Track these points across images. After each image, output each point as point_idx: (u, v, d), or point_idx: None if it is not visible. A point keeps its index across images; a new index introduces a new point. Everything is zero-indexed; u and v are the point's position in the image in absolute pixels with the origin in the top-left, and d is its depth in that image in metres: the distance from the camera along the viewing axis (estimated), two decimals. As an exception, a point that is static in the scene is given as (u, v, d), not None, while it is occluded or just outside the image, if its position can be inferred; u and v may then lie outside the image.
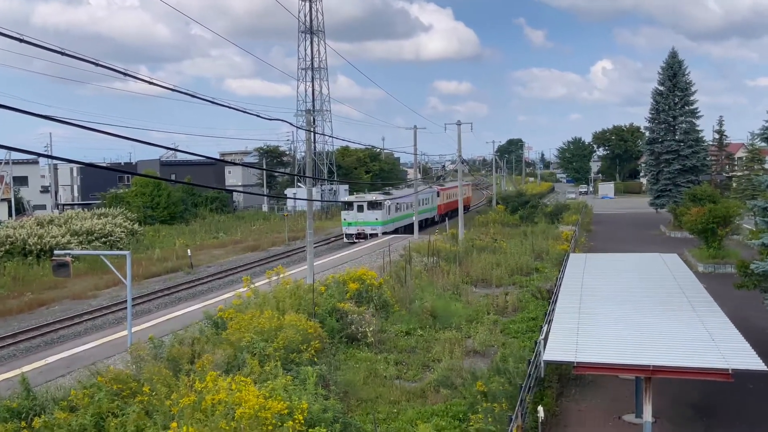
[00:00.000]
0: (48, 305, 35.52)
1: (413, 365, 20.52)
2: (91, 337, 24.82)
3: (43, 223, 51.80)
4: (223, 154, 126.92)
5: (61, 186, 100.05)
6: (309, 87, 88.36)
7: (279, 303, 22.12)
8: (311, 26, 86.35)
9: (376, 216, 55.08)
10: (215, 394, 13.59)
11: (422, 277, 32.41)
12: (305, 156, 35.43)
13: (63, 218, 55.23)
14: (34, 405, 14.84)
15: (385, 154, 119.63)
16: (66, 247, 44.46)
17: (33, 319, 32.62)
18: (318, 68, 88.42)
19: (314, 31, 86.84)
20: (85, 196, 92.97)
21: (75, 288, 38.52)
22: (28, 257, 45.12)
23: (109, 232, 52.97)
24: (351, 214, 55.62)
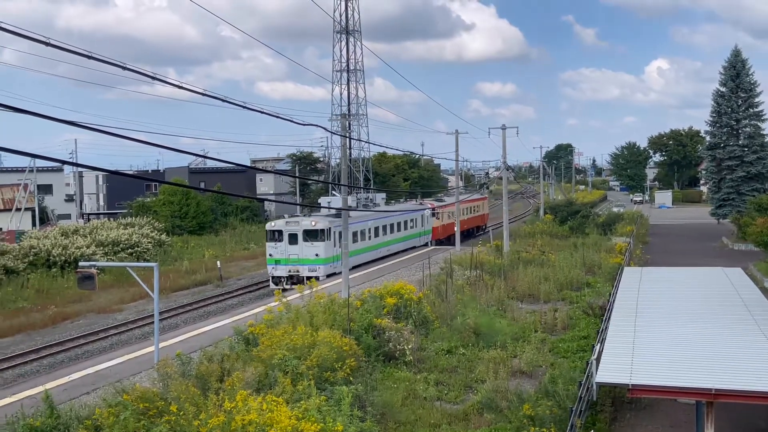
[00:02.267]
0: (72, 319, 36.17)
1: (455, 386, 20.41)
2: (117, 352, 25.17)
3: (68, 233, 52.81)
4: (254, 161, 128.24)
5: (87, 194, 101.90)
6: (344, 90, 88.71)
7: (312, 318, 22.22)
8: (347, 26, 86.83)
9: (316, 250, 40.13)
10: (245, 414, 13.68)
11: (464, 291, 32.24)
12: (340, 163, 35.67)
13: (88, 228, 56.23)
14: (58, 424, 15.08)
15: (424, 161, 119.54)
16: (91, 258, 45.24)
17: (57, 333, 33.23)
18: (354, 70, 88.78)
19: (350, 31, 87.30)
20: (111, 205, 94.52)
21: (100, 301, 39.17)
22: (52, 269, 46.00)
23: (135, 242, 53.79)
24: (280, 247, 40.66)
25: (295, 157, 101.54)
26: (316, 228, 40.38)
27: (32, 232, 54.34)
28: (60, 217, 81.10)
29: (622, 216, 73.42)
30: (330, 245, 40.83)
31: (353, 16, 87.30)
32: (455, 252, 48.48)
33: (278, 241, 40.68)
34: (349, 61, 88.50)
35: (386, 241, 49.46)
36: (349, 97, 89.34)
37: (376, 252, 47.86)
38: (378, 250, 48.34)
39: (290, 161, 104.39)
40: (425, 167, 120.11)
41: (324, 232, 40.40)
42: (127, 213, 72.65)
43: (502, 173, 58.12)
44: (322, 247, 40.30)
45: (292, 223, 41.17)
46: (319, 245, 40.31)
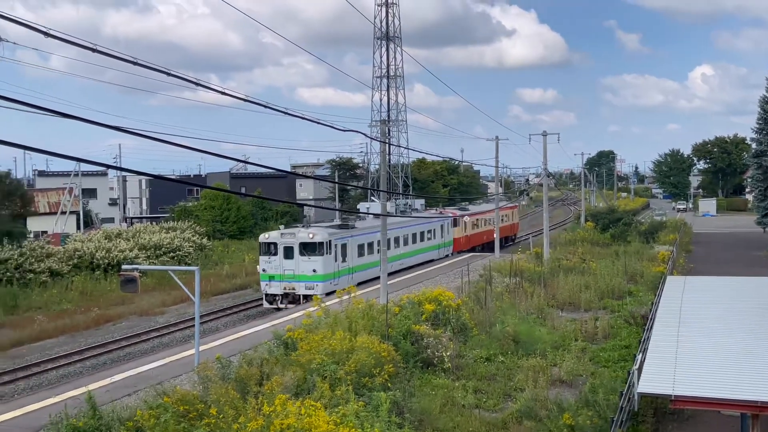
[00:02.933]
0: (115, 321, 36.73)
1: (494, 394, 20.29)
2: (158, 355, 25.49)
3: (111, 236, 53.66)
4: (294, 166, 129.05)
5: (130, 198, 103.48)
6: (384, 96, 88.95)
7: (351, 324, 22.26)
8: (387, 32, 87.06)
9: (314, 265, 35.94)
10: (284, 418, 13.74)
11: (503, 299, 32.07)
12: (379, 168, 35.63)
13: (131, 232, 57.09)
14: (100, 425, 15.31)
15: (464, 167, 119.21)
16: (134, 261, 45.91)
17: (100, 335, 33.78)
18: (394, 76, 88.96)
19: (390, 38, 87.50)
20: (154, 209, 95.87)
21: (142, 304, 39.73)
22: (96, 271, 46.77)
23: (177, 246, 54.45)
24: (274, 261, 36.55)
25: (335, 162, 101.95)
26: (313, 241, 36.11)
27: (77, 236, 55.31)
28: (104, 220, 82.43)
29: (664, 224, 72.42)
30: (329, 260, 36.65)
31: (393, 22, 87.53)
32: (494, 259, 48.22)
33: (273, 255, 36.50)
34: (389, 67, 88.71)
35: (398, 254, 44.32)
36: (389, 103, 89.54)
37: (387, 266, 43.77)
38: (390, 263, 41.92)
39: (330, 167, 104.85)
40: (464, 173, 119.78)
41: (323, 245, 36.13)
42: (169, 217, 73.56)
43: (543, 180, 57.65)
44: (320, 262, 35.92)
45: (288, 235, 36.76)
46: (317, 260, 35.94)
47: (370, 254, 40.93)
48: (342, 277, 37.37)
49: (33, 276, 42.66)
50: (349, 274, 38.55)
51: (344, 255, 38.10)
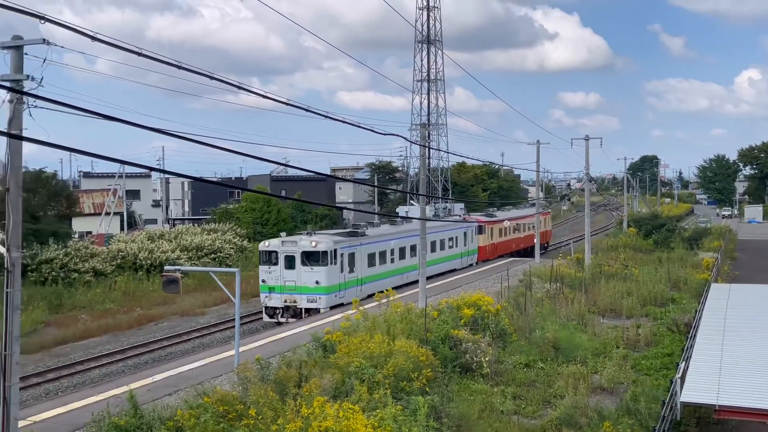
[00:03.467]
0: (157, 321, 37.23)
1: (533, 400, 20.14)
2: (199, 355, 25.77)
3: (154, 237, 54.42)
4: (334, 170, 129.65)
5: (173, 200, 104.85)
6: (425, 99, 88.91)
7: (389, 327, 22.27)
8: (428, 36, 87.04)
9: (316, 276, 33.29)
10: (322, 420, 13.80)
11: (544, 304, 31.81)
12: (419, 172, 35.63)
13: (173, 233, 57.83)
14: (141, 424, 15.53)
15: (504, 171, 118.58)
16: (176, 262, 46.48)
17: (142, 335, 34.27)
18: (434, 80, 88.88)
19: (431, 41, 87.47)
20: (196, 211, 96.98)
21: (183, 304, 40.21)
22: (139, 272, 47.47)
23: (218, 248, 55.01)
24: (274, 271, 34.00)
25: (374, 166, 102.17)
26: (316, 249, 33.37)
27: (120, 236, 56.20)
28: (147, 221, 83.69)
29: (709, 230, 71.22)
30: (334, 270, 33.91)
31: (435, 26, 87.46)
32: (534, 264, 47.88)
33: (273, 264, 33.88)
34: (429, 71, 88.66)
35: (414, 264, 40.38)
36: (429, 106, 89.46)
37: (400, 277, 39.77)
38: (403, 275, 40.29)
39: (369, 170, 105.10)
40: (505, 178, 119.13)
41: (327, 254, 33.38)
42: (210, 219, 74.36)
43: (585, 185, 57.07)
44: (323, 273, 33.25)
45: (289, 243, 34.23)
46: (321, 270, 33.24)
47: (383, 264, 38.62)
48: (349, 290, 34.89)
49: (77, 276, 43.44)
50: (358, 286, 35.94)
51: (352, 265, 35.48)
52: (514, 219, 60.59)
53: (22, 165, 13.34)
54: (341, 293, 34.36)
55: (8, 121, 12.38)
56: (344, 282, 34.72)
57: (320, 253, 33.39)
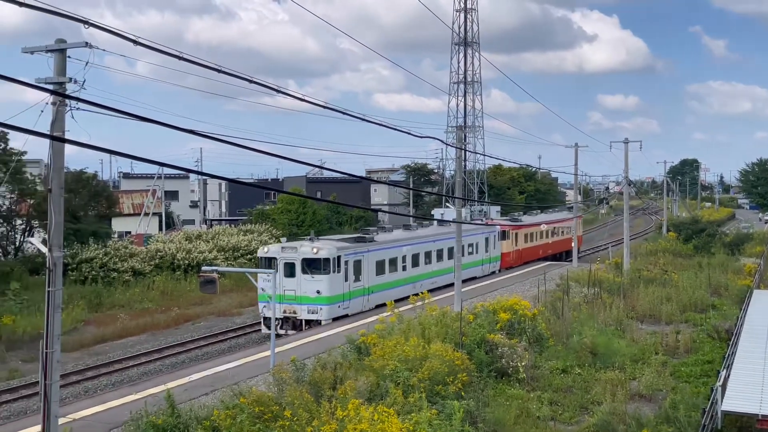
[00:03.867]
0: (194, 321, 37.61)
1: (570, 406, 19.95)
2: (235, 355, 25.96)
3: (192, 238, 54.98)
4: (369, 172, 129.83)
5: (210, 201, 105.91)
6: (461, 102, 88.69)
7: (424, 330, 22.22)
8: (465, 38, 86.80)
9: (318, 286, 30.97)
10: (357, 423, 13.81)
11: (581, 309, 31.52)
12: (455, 175, 35.50)
13: (210, 234, 58.35)
14: (178, 423, 15.68)
15: (541, 174, 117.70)
16: (213, 263, 46.90)
17: (179, 334, 34.64)
18: (471, 82, 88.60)
19: (468, 43, 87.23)
20: (233, 212, 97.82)
21: (220, 304, 40.57)
22: (176, 272, 47.99)
23: (254, 249, 55.34)
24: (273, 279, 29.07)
25: (410, 168, 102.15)
26: (318, 256, 31.05)
27: (159, 236, 56.87)
28: (185, 222, 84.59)
29: (751, 236, 69.97)
30: (337, 279, 31.63)
31: (472, 28, 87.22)
32: (572, 269, 47.44)
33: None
34: (466, 73, 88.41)
35: (428, 272, 39.41)
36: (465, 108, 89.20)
37: (413, 286, 36.84)
38: (416, 283, 37.58)
39: (404, 172, 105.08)
40: (542, 180, 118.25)
41: (329, 261, 31.09)
42: (247, 220, 74.96)
43: (624, 188, 56.42)
44: (325, 282, 30.99)
45: (289, 249, 31.95)
46: (322, 279, 31.00)
47: (393, 272, 36.17)
48: (354, 300, 32.85)
49: (117, 275, 44.06)
50: (364, 296, 33.72)
51: (358, 273, 33.18)
52: (540, 224, 57.89)
53: (64, 166, 13.56)
54: (345, 304, 32.26)
55: (51, 123, 12.58)
56: (349, 292, 32.39)
57: (322, 261, 31.04)
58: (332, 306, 31.42)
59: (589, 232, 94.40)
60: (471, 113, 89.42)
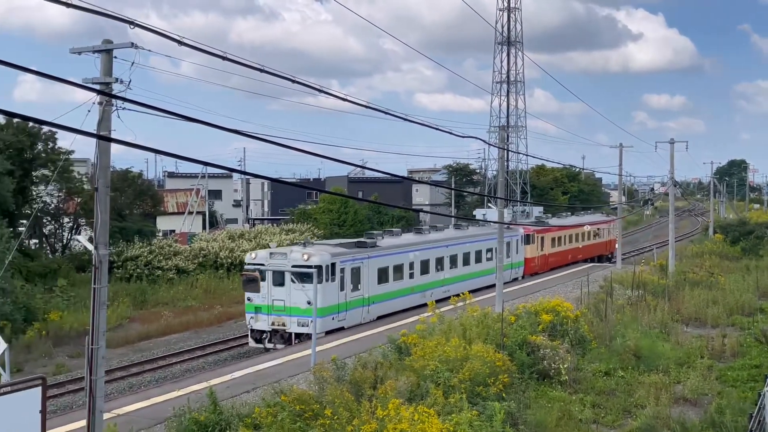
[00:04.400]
0: (236, 319, 37.93)
1: (612, 409, 19.71)
2: (276, 353, 26.13)
3: (234, 236, 55.53)
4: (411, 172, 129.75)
5: (253, 200, 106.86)
6: (504, 101, 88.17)
7: (465, 331, 22.14)
8: (509, 37, 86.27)
9: (309, 295, 27.40)
10: (397, 423, 13.80)
11: (625, 311, 31.13)
12: (497, 175, 35.32)
13: (253, 233, 58.89)
14: (220, 420, 15.85)
15: (585, 174, 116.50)
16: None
17: (222, 332, 35.00)
18: (514, 81, 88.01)
19: (512, 42, 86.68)
20: (275, 211, 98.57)
21: (262, 303, 40.85)
22: (219, 270, 48.52)
23: (296, 248, 55.70)
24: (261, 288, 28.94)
25: (451, 168, 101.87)
26: (309, 264, 28.12)
27: (202, 235, 57.57)
28: (228, 221, 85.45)
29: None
30: (331, 288, 28.85)
31: (515, 27, 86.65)
32: (616, 270, 46.87)
33: (260, 281, 28.85)
34: (509, 73, 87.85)
35: (440, 280, 36.59)
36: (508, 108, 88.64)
37: (422, 295, 34.41)
38: (426, 292, 34.87)
39: (446, 172, 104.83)
40: (585, 181, 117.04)
41: (321, 270, 28.15)
42: (289, 219, 75.49)
43: (669, 189, 55.56)
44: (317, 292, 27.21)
45: (279, 256, 29.16)
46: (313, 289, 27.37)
47: (398, 280, 33.28)
48: (352, 311, 30.21)
49: (161, 273, 44.69)
50: (363, 307, 30.99)
51: (356, 282, 30.45)
52: (572, 227, 54.86)
53: (110, 165, 13.78)
54: (341, 315, 29.60)
55: (97, 122, 12.81)
56: (345, 302, 29.75)
57: (314, 269, 27.95)
58: (325, 318, 28.36)
59: (634, 233, 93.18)
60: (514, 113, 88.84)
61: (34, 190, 44.79)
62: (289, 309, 28.47)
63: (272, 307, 28.74)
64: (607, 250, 61.66)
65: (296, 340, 28.28)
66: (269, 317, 28.80)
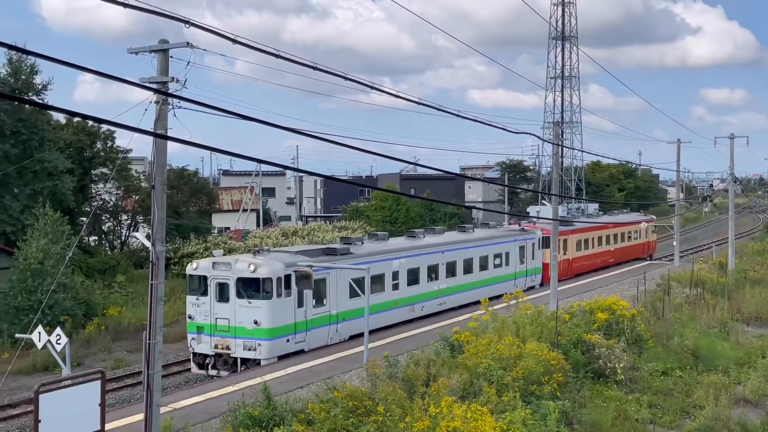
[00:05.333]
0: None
1: (670, 410, 19.36)
2: (329, 350, 26.26)
3: (288, 233, 55.99)
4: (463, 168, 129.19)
5: (306, 198, 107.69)
6: (558, 97, 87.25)
7: (518, 329, 21.97)
8: (563, 32, 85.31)
9: (256, 314, 23.91)
10: (450, 421, 13.77)
11: (683, 310, 30.53)
12: (551, 171, 34.99)
13: (306, 230, 59.30)
14: (274, 415, 16.01)
15: (641, 170, 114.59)
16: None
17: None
18: (569, 77, 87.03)
19: (566, 37, 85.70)
20: (328, 209, 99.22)
21: (315, 300, 41.11)
22: (273, 267, 48.95)
23: (347, 245, 55.91)
24: (203, 304, 24.84)
25: (505, 165, 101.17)
26: (256, 276, 23.95)
27: (256, 232, 58.20)
28: (281, 218, 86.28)
29: None
30: (284, 305, 24.30)
31: (570, 21, 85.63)
32: (673, 268, 45.98)
33: (202, 294, 24.83)
34: (564, 68, 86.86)
35: (433, 291, 32.01)
36: (563, 104, 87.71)
37: (410, 309, 30.61)
38: (416, 305, 30.99)
39: (499, 169, 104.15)
40: (642, 177, 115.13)
41: (271, 282, 23.88)
42: (341, 216, 75.88)
43: (729, 186, 54.22)
44: (265, 309, 23.76)
45: (223, 266, 24.69)
46: (262, 305, 23.81)
47: (378, 293, 28.45)
48: (314, 331, 25.59)
49: (216, 269, 45.28)
50: (330, 325, 26.41)
51: (320, 297, 25.98)
52: (604, 227, 49.78)
53: (167, 163, 14.02)
54: (298, 336, 24.95)
55: (154, 121, 13.05)
56: (305, 321, 25.14)
57: (261, 281, 23.83)
58: (275, 341, 24.09)
59: (692, 230, 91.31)
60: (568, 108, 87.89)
61: (94, 188, 45.92)
62: (234, 329, 24.12)
63: (216, 327, 24.46)
64: (645, 253, 56.80)
65: (242, 366, 24.15)
66: (212, 339, 24.55)
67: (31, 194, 36.74)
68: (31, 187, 37.02)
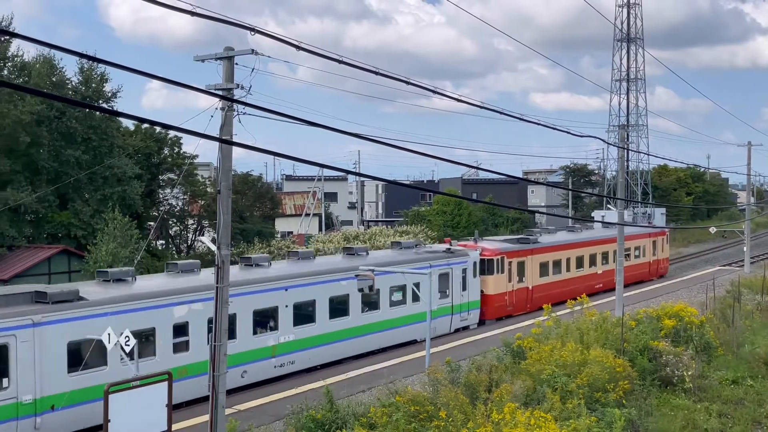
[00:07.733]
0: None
1: (741, 420, 18.79)
2: (391, 354, 26.26)
3: (350, 238, 56.28)
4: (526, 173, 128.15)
5: (367, 202, 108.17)
6: (623, 100, 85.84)
7: (583, 336, 21.64)
8: (628, 34, 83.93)
9: None
10: (513, 427, 13.65)
11: (754, 317, 29.66)
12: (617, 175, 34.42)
13: (368, 234, 59.50)
14: (336, 418, 16.10)
15: (710, 174, 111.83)
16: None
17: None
18: (634, 79, 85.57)
19: (632, 39, 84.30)
20: (389, 213, 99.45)
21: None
22: (335, 271, 49.26)
23: (410, 250, 55.90)
24: None
25: (569, 168, 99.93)
26: None
27: (318, 236, 58.71)
28: (343, 222, 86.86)
29: None
30: None
31: (635, 23, 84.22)
32: (744, 274, 44.69)
33: None
34: (629, 70, 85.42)
35: (303, 339, 23.71)
36: (628, 106, 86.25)
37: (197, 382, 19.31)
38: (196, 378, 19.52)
39: (563, 173, 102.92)
40: (711, 181, 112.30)
41: None
42: (403, 221, 75.96)
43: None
44: None
45: None
46: None
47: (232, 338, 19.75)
48: None
49: (279, 273, 45.81)
50: None
51: None
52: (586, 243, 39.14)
53: (232, 168, 14.26)
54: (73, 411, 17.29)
55: (220, 127, 13.29)
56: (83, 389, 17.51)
57: None
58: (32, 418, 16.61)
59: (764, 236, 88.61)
60: (634, 111, 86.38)
61: (161, 193, 46.97)
62: None
63: None
64: (652, 274, 45.61)
65: None
66: None
67: (101, 199, 37.81)
68: (101, 192, 38.10)
